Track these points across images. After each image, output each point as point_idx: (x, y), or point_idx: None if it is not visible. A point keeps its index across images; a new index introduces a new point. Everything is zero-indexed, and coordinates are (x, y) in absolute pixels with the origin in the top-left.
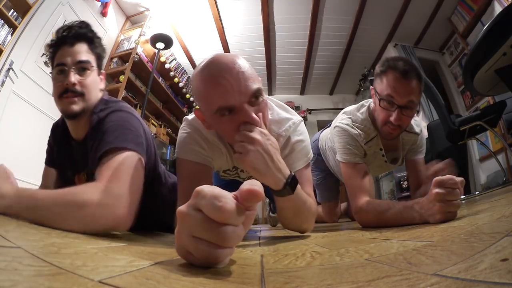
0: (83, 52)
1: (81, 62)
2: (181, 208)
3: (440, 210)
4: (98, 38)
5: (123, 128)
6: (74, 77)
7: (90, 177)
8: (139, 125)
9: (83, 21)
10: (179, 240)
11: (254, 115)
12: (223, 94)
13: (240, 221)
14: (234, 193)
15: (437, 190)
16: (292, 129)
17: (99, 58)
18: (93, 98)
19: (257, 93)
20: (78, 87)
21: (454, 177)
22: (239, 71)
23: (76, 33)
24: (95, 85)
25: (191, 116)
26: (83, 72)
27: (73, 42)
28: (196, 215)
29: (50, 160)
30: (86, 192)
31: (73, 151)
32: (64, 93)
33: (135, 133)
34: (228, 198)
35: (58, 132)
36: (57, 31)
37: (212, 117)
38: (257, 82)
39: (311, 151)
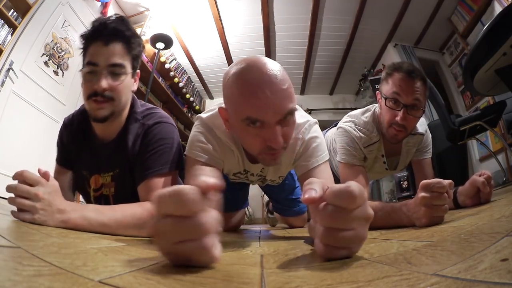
0: (117, 53)
1: (114, 65)
2: (151, 225)
3: (425, 214)
4: (137, 37)
5: (171, 149)
6: (105, 82)
7: (116, 180)
8: (178, 135)
9: (121, 16)
10: (163, 253)
11: (279, 139)
12: (257, 108)
13: (210, 205)
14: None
15: (422, 194)
16: (308, 130)
17: (135, 59)
18: (123, 102)
19: (290, 113)
20: (108, 92)
21: (442, 180)
22: (279, 87)
23: (113, 30)
24: (127, 90)
25: (205, 115)
26: (116, 76)
27: (109, 40)
28: (165, 222)
29: (64, 160)
30: (136, 213)
31: (97, 151)
32: (93, 95)
33: (179, 150)
34: (189, 188)
35: (74, 130)
36: (93, 22)
37: (238, 122)
38: (293, 101)
39: (327, 151)
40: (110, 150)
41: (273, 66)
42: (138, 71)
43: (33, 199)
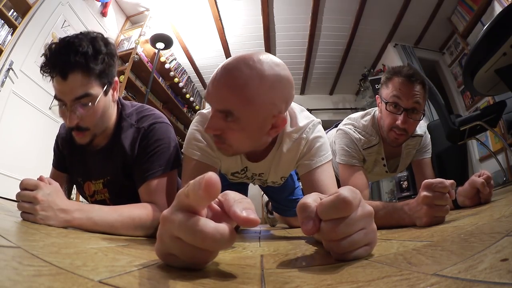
0: (78, 85)
1: (79, 98)
2: (165, 212)
3: (426, 214)
4: (97, 51)
5: (168, 149)
6: (74, 118)
7: (109, 186)
8: (174, 133)
9: (70, 41)
10: (161, 241)
11: (211, 124)
12: (207, 91)
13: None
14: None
15: (424, 193)
16: (312, 130)
17: (102, 75)
18: (102, 123)
19: (224, 112)
20: (82, 124)
21: (445, 180)
22: (226, 83)
23: (65, 62)
24: (103, 111)
25: (207, 110)
26: (85, 107)
27: (65, 73)
28: (174, 244)
29: (60, 165)
30: (141, 215)
31: (88, 159)
32: (70, 129)
33: (176, 149)
34: (214, 229)
35: (66, 140)
36: (45, 51)
37: None
38: (234, 101)
39: (330, 151)
40: (101, 157)
41: (244, 68)
42: (115, 79)
43: (33, 202)
